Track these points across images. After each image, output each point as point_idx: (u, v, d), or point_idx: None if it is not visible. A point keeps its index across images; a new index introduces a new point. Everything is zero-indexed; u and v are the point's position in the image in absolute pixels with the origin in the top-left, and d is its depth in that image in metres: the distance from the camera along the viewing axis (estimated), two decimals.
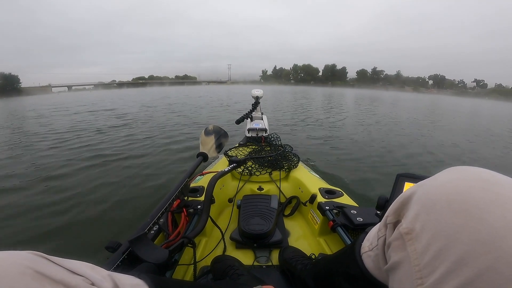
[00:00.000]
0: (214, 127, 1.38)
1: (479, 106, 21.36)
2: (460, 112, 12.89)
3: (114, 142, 4.20)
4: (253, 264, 0.88)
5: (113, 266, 0.55)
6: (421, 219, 0.29)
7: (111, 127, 5.64)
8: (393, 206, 0.35)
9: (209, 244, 0.99)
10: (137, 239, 0.60)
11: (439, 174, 0.32)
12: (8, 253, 0.27)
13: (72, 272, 0.29)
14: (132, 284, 0.37)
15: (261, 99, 2.13)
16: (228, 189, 1.31)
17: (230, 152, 1.62)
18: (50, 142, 4.27)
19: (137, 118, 7.07)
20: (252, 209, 1.06)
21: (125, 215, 1.88)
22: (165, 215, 0.87)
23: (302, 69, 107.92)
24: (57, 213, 1.93)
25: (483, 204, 0.25)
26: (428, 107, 14.76)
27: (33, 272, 0.26)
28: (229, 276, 0.70)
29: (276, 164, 1.40)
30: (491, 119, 10.64)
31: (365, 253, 0.43)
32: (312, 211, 1.10)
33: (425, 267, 0.27)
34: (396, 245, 0.32)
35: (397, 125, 6.79)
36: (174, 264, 0.72)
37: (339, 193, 1.13)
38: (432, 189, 0.30)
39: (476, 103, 29.05)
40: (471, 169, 0.30)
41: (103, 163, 3.10)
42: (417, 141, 4.81)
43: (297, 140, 4.42)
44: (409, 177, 0.59)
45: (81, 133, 5.04)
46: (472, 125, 7.94)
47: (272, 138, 1.85)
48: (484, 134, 6.25)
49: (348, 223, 0.86)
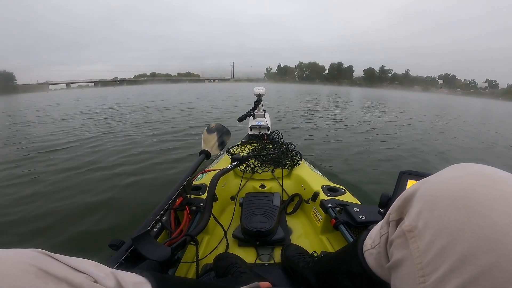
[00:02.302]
0: (217, 125, 1.38)
1: (493, 108, 19.78)
2: (473, 114, 12.03)
3: (111, 141, 4.22)
4: (255, 262, 0.88)
5: (116, 264, 0.55)
6: (424, 217, 0.29)
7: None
8: (395, 204, 0.34)
9: (211, 241, 0.99)
10: (140, 237, 0.60)
11: (442, 171, 0.31)
12: (11, 251, 0.27)
13: (76, 270, 0.29)
14: (134, 282, 0.37)
15: (264, 96, 2.13)
16: (231, 186, 1.31)
17: (233, 149, 1.62)
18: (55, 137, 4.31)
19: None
20: (254, 206, 1.06)
21: (128, 213, 1.89)
22: (167, 213, 0.87)
23: (308, 67, 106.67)
24: (60, 211, 1.94)
25: (486, 201, 0.25)
26: (439, 107, 14.23)
27: (37, 270, 0.26)
28: (231, 274, 0.71)
29: (279, 161, 1.39)
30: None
31: (367, 251, 0.42)
32: (314, 209, 1.10)
33: (427, 264, 0.27)
34: (399, 243, 0.32)
35: (402, 123, 6.74)
36: (177, 261, 0.73)
37: (342, 191, 1.13)
38: (435, 186, 0.30)
39: (490, 104, 27.36)
40: (474, 166, 0.30)
41: (104, 160, 3.12)
42: (422, 139, 4.76)
43: (300, 138, 4.41)
44: (412, 175, 0.59)
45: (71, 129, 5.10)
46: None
47: (275, 135, 1.85)
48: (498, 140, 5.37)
49: (351, 221, 0.86)
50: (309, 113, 7.95)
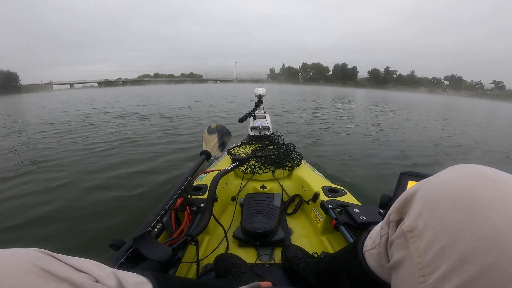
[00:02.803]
0: (217, 126, 1.38)
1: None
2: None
3: (109, 140, 4.22)
4: (255, 262, 0.88)
5: (117, 264, 0.55)
6: (424, 217, 0.29)
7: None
8: (396, 204, 0.35)
9: (212, 242, 0.99)
10: (141, 237, 0.60)
11: (442, 172, 0.31)
12: (13, 251, 0.27)
13: (77, 270, 0.29)
14: (135, 282, 0.37)
15: (264, 97, 2.13)
16: (231, 187, 1.31)
17: (233, 150, 1.62)
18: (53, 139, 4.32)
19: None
20: (255, 207, 1.06)
21: (128, 213, 1.90)
22: (168, 213, 0.87)
23: (312, 68, 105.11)
24: (61, 212, 1.95)
25: (485, 201, 0.25)
26: (448, 109, 13.70)
27: (39, 270, 0.26)
28: (232, 274, 0.71)
29: (279, 162, 1.40)
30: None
31: (368, 251, 0.42)
32: (315, 210, 1.10)
33: (427, 265, 0.27)
34: (399, 243, 0.32)
35: (403, 124, 6.74)
36: (177, 262, 0.73)
37: (342, 191, 1.13)
38: (435, 187, 0.30)
39: (499, 106, 25.64)
40: (474, 167, 0.30)
41: (105, 161, 3.13)
42: (424, 140, 4.76)
43: (301, 139, 4.41)
44: (412, 175, 0.59)
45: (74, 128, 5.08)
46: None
47: (275, 136, 1.85)
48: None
49: (351, 222, 0.86)
50: (312, 114, 7.92)
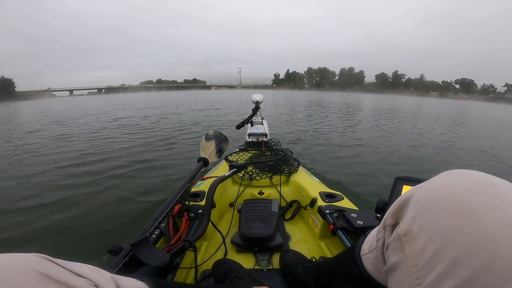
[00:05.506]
0: (215, 132, 1.39)
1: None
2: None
3: (108, 145, 4.20)
4: (254, 267, 0.88)
5: (115, 269, 0.55)
6: (419, 221, 0.29)
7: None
8: (391, 209, 0.35)
9: (210, 248, 0.99)
10: (139, 243, 0.60)
11: (436, 177, 0.32)
12: (13, 256, 0.27)
13: (76, 274, 0.30)
14: (134, 287, 0.37)
15: (261, 104, 2.15)
16: (229, 193, 1.31)
17: (231, 157, 1.62)
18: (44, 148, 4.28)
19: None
20: (252, 213, 1.06)
21: (127, 220, 1.88)
22: (166, 220, 0.87)
23: (318, 73, 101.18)
24: (60, 217, 1.93)
25: (477, 206, 0.26)
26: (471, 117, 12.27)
27: (38, 274, 0.26)
28: (230, 280, 0.70)
29: (277, 168, 1.40)
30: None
31: (365, 255, 0.43)
32: (312, 215, 1.10)
33: (422, 267, 0.27)
34: (395, 247, 0.32)
35: (399, 130, 6.77)
36: (175, 267, 0.73)
37: (339, 197, 1.13)
38: (429, 192, 0.31)
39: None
40: (467, 172, 0.31)
41: (104, 167, 3.11)
42: (419, 146, 4.78)
43: (298, 145, 4.43)
44: (407, 180, 0.60)
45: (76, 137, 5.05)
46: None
47: (272, 142, 1.86)
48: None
49: (349, 227, 0.86)
50: (313, 121, 7.90)
